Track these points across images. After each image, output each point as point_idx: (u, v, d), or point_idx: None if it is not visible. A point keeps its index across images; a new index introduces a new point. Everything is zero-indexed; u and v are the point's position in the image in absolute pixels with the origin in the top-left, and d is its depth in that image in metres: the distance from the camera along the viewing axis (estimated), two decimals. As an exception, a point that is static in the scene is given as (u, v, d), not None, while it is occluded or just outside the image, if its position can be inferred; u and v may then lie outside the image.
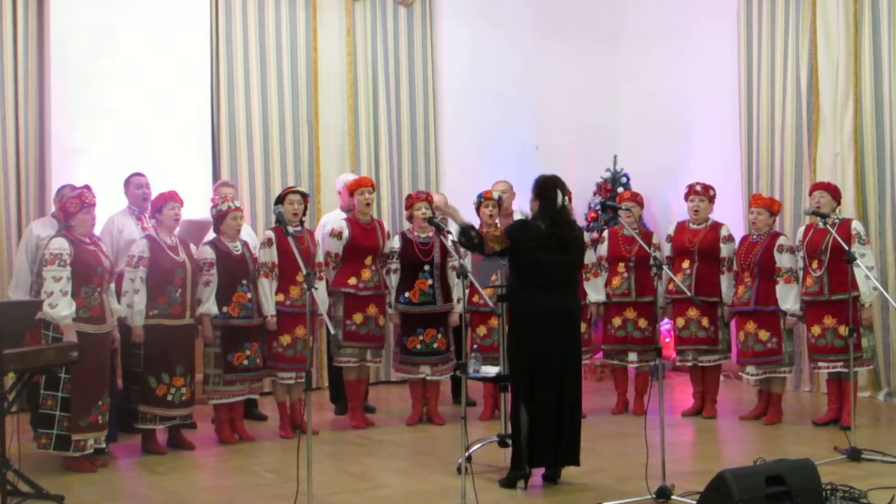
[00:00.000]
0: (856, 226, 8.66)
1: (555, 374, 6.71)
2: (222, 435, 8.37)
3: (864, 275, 8.13)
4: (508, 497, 6.52)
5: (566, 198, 6.94)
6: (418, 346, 8.93)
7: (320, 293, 8.59)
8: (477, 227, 7.25)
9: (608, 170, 12.62)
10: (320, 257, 8.83)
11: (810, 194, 8.92)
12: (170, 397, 7.91)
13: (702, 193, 9.26)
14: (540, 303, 6.75)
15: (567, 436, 6.75)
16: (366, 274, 8.89)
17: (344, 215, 9.35)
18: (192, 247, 8.28)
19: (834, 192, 8.78)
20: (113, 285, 7.71)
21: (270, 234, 8.54)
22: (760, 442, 8.23)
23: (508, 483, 6.77)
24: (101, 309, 7.39)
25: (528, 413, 6.71)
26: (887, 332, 9.88)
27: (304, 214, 8.66)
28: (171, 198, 8.05)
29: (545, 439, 6.68)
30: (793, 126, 10.81)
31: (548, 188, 6.92)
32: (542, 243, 6.78)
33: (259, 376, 8.47)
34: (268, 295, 8.40)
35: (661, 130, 12.57)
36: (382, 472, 7.42)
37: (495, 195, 9.13)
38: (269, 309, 8.40)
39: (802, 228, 9.01)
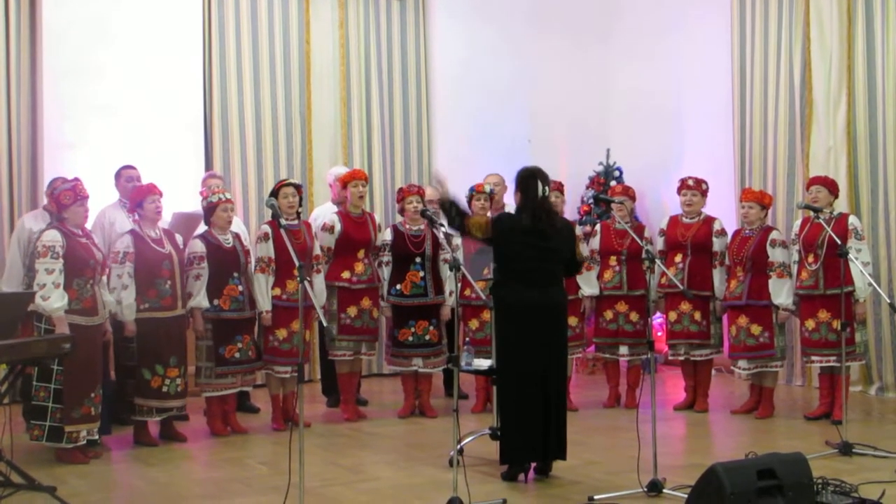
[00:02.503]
0: (853, 221, 8.67)
1: (539, 367, 6.72)
2: (214, 427, 8.37)
3: (859, 270, 8.14)
4: (499, 490, 6.53)
5: (547, 189, 6.93)
6: (410, 339, 8.93)
7: (318, 285, 8.60)
8: (463, 206, 7.19)
9: (601, 164, 12.62)
10: (318, 250, 8.81)
11: (807, 188, 8.90)
12: (165, 388, 7.91)
13: (694, 188, 9.26)
14: (522, 296, 6.75)
15: (555, 429, 6.75)
16: (358, 267, 8.89)
17: (335, 208, 9.35)
18: (179, 238, 8.26)
19: (831, 187, 8.77)
20: (105, 278, 7.71)
21: (267, 228, 8.51)
22: (752, 436, 8.25)
23: (510, 477, 6.79)
24: (94, 301, 7.40)
25: (515, 407, 6.72)
26: (879, 327, 9.88)
27: (299, 206, 8.66)
28: (151, 191, 8.03)
29: (531, 434, 6.69)
30: (786, 120, 10.81)
31: (528, 180, 6.92)
32: (524, 237, 6.78)
33: (251, 369, 8.46)
34: (263, 290, 8.38)
35: (653, 124, 12.57)
36: (374, 464, 7.43)
37: (487, 188, 9.13)
38: (265, 304, 8.37)
39: (798, 222, 9.00)
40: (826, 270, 8.53)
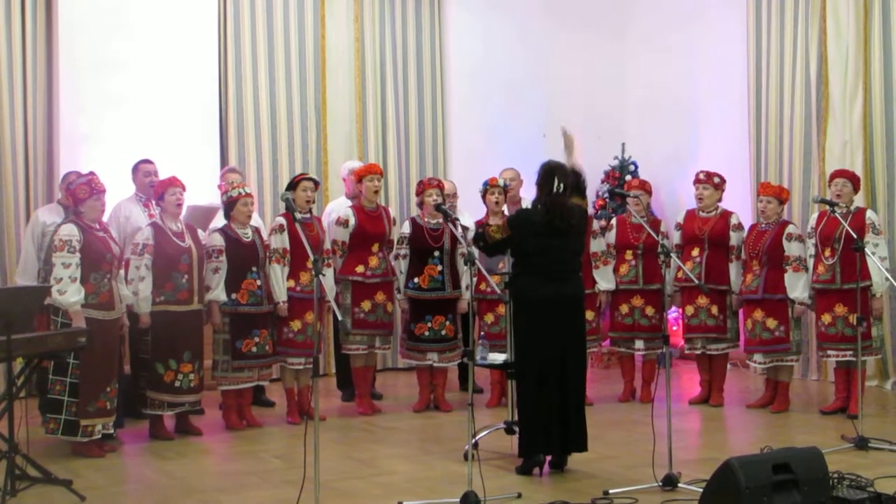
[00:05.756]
0: (870, 215, 8.64)
1: (558, 360, 6.72)
2: (230, 421, 8.39)
3: (877, 264, 8.11)
4: (515, 484, 6.52)
5: (563, 185, 6.91)
6: (426, 333, 8.94)
7: (328, 280, 8.61)
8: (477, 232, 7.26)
9: (616, 157, 12.60)
10: (328, 244, 8.83)
11: (830, 181, 8.85)
12: (177, 383, 7.93)
13: (705, 181, 9.23)
14: (540, 290, 6.75)
15: (574, 422, 6.75)
16: (373, 261, 8.90)
17: (349, 202, 9.36)
18: (200, 232, 8.29)
19: (854, 181, 8.76)
20: (121, 272, 7.72)
21: (282, 220, 8.53)
22: (767, 430, 8.24)
23: (524, 471, 6.79)
24: (110, 295, 7.41)
25: (532, 400, 6.73)
26: (896, 321, 9.87)
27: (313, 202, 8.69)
28: (172, 183, 8.04)
29: (550, 427, 6.69)
30: (802, 114, 10.77)
31: (546, 175, 6.93)
32: (540, 231, 6.78)
33: (268, 363, 8.46)
34: (280, 281, 8.39)
35: (669, 118, 12.56)
36: (389, 458, 7.44)
37: (501, 182, 9.11)
38: (281, 295, 8.38)
39: (815, 216, 8.97)
40: (843, 265, 8.50)
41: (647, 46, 13.02)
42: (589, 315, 8.92)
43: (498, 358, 7.55)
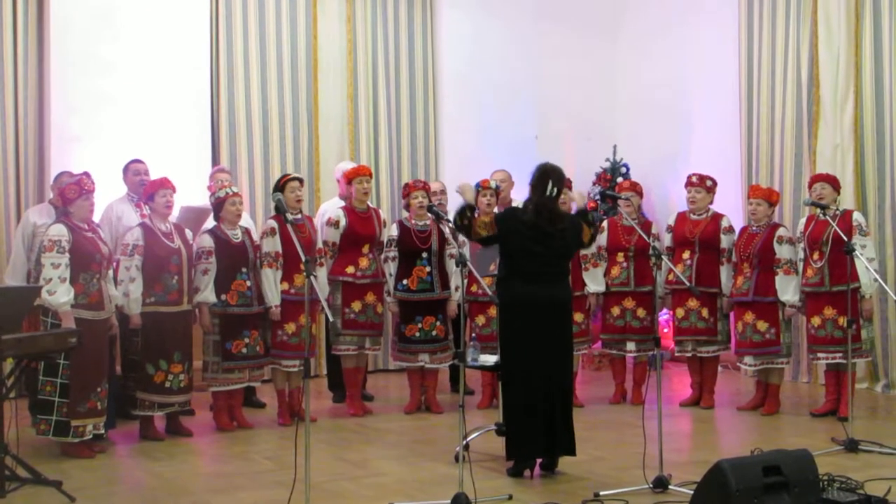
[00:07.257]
0: (857, 217, 8.66)
1: (544, 363, 6.72)
2: (220, 422, 8.37)
3: (864, 265, 8.13)
4: (506, 485, 6.52)
5: (556, 190, 6.90)
6: (417, 334, 8.93)
7: (321, 280, 8.59)
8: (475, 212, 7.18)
9: (608, 160, 12.61)
10: (320, 244, 8.82)
11: (810, 186, 8.90)
12: (168, 384, 7.92)
13: (698, 184, 9.25)
14: (526, 292, 6.74)
15: (560, 425, 6.75)
16: (363, 262, 8.89)
17: (342, 203, 9.36)
18: (189, 233, 8.27)
19: (834, 184, 8.77)
20: (111, 272, 7.70)
21: (273, 223, 8.49)
22: (758, 432, 8.25)
23: (515, 472, 6.78)
24: (100, 295, 7.40)
25: (519, 404, 6.72)
26: (886, 324, 9.87)
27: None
28: (163, 185, 8.02)
29: (536, 430, 6.69)
30: (793, 117, 10.79)
31: (541, 177, 6.91)
32: (528, 232, 6.77)
33: (259, 364, 8.44)
34: (272, 285, 8.37)
35: (660, 120, 12.56)
36: (380, 459, 7.43)
37: (493, 184, 9.12)
38: (275, 299, 8.36)
39: (804, 220, 9.00)
40: (831, 267, 8.51)
41: (638, 48, 13.03)
42: (578, 317, 8.94)
43: (489, 359, 7.54)
